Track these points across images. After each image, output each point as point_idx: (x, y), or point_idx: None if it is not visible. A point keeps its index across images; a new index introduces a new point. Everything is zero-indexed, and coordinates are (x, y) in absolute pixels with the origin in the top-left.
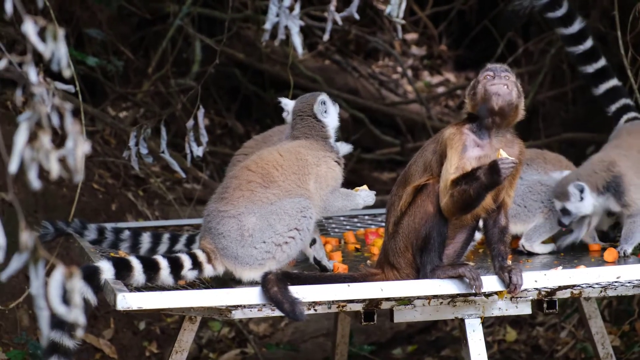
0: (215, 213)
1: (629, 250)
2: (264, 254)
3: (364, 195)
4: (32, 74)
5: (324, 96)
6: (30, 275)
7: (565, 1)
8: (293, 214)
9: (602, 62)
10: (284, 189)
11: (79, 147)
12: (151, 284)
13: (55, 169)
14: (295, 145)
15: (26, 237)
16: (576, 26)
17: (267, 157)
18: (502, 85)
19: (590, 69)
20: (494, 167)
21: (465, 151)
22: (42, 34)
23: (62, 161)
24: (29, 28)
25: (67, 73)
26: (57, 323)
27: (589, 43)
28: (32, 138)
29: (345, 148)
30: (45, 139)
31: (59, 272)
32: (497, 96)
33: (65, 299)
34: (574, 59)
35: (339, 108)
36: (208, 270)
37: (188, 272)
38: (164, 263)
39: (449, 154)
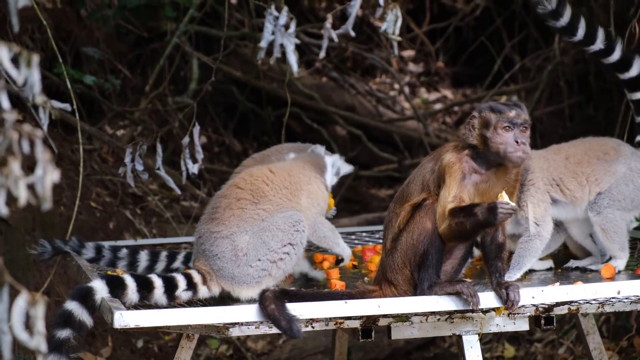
0: (207, 234)
1: (515, 276)
2: (260, 272)
3: (346, 249)
4: (4, 100)
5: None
6: None
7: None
8: (286, 229)
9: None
10: (274, 203)
11: (48, 175)
12: (145, 303)
13: (23, 196)
14: (287, 164)
15: None
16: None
17: (257, 173)
18: (521, 150)
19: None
20: (492, 209)
21: (464, 179)
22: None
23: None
24: (3, 54)
25: (39, 99)
26: (56, 346)
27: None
28: (2, 164)
29: (346, 168)
30: (15, 165)
31: (22, 299)
32: (516, 162)
33: (67, 320)
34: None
35: (337, 125)
36: (203, 292)
37: (182, 293)
38: (158, 282)
39: (448, 181)
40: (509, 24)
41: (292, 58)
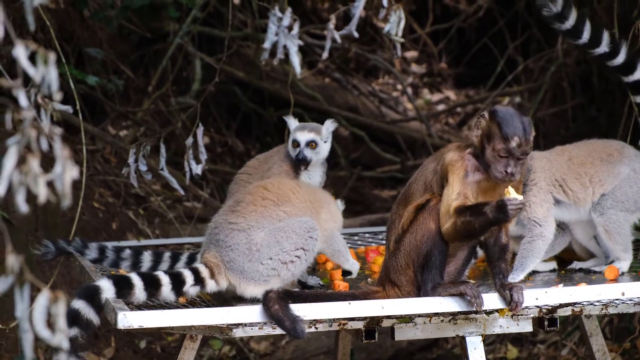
0: (224, 225)
1: (519, 278)
2: (269, 271)
3: (355, 265)
4: (22, 98)
5: None
6: (15, 299)
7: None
8: (301, 233)
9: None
10: (296, 208)
11: (67, 172)
12: (152, 301)
13: (43, 194)
14: (310, 185)
15: (12, 260)
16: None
17: (285, 181)
18: (507, 178)
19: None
20: (501, 207)
21: (467, 177)
22: (34, 57)
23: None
24: (20, 52)
25: (57, 97)
26: None
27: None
28: (22, 161)
29: (332, 125)
30: (34, 162)
31: (43, 297)
32: (498, 181)
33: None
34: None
35: (340, 126)
36: (211, 286)
37: (190, 288)
38: (165, 279)
39: (451, 179)
40: (511, 25)
41: (296, 59)
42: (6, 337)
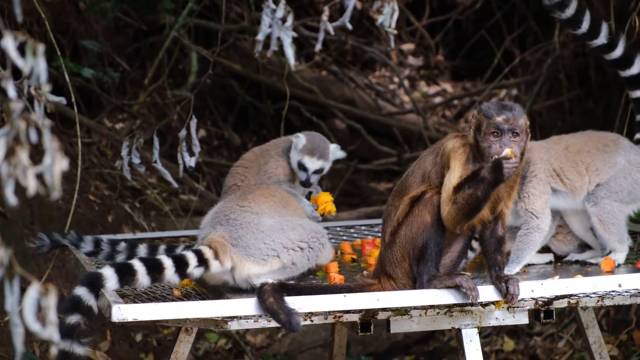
0: (235, 207)
1: (514, 270)
2: (269, 251)
3: None
4: (11, 89)
5: None
6: (5, 292)
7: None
8: (308, 230)
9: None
10: (298, 214)
11: (56, 164)
12: (149, 293)
13: (32, 186)
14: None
15: (1, 253)
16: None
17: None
18: (509, 166)
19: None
20: (497, 166)
21: (468, 163)
22: (22, 48)
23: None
24: (9, 43)
25: (45, 88)
26: (67, 332)
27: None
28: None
29: (339, 153)
30: (23, 154)
31: (34, 290)
32: (503, 175)
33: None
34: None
35: (336, 119)
36: (215, 267)
37: (194, 270)
38: (168, 262)
39: (452, 164)
40: (508, 18)
41: (289, 51)
42: (1, 331)
